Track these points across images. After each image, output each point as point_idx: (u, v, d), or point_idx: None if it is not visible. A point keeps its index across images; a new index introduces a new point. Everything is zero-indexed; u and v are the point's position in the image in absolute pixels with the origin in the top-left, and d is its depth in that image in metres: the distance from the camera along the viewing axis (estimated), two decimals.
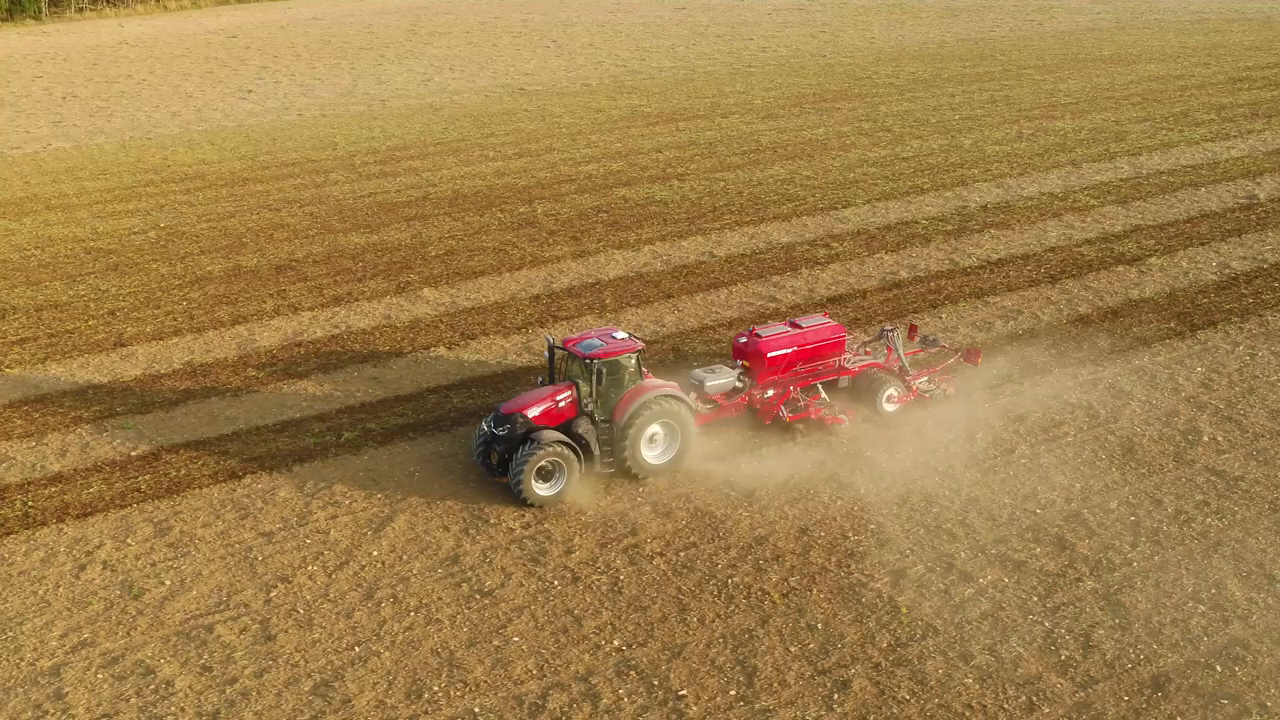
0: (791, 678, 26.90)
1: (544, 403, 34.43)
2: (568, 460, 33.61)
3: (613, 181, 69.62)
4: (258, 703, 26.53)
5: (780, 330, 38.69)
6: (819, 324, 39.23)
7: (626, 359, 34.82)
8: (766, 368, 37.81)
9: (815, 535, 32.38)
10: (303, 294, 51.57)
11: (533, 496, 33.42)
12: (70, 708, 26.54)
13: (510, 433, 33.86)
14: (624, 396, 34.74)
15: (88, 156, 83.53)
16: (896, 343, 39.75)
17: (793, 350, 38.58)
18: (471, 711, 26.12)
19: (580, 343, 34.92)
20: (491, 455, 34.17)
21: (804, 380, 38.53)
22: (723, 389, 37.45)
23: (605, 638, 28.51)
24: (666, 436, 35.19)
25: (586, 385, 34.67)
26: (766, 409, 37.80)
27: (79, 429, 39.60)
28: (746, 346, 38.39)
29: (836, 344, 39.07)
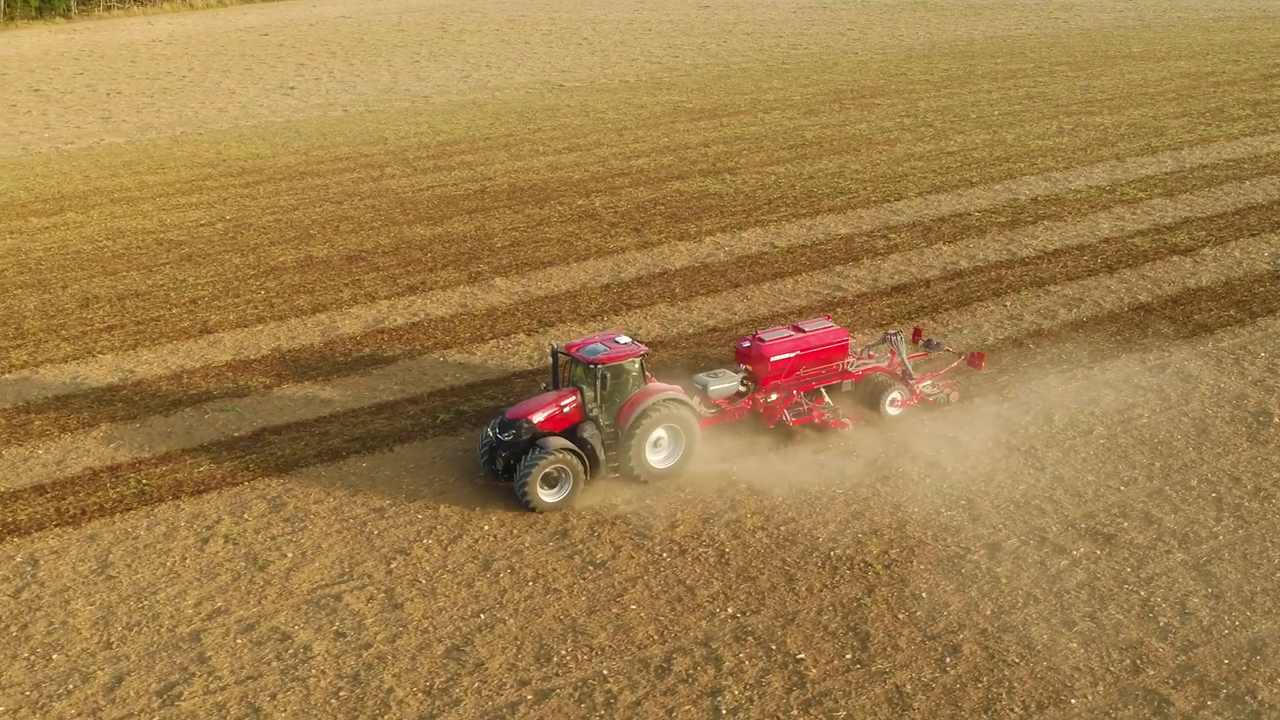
0: (903, 642, 28.02)
1: (549, 408, 34.27)
2: (573, 466, 33.43)
3: (665, 175, 70.85)
4: (394, 666, 27.71)
5: (784, 334, 38.57)
6: (822, 328, 39.16)
7: (630, 363, 34.72)
8: (770, 372, 37.78)
9: (909, 511, 33.55)
10: (377, 283, 52.87)
11: (538, 503, 33.32)
12: (215, 670, 27.71)
13: (515, 438, 33.69)
14: (628, 401, 34.63)
15: (142, 151, 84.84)
16: (900, 346, 39.74)
17: (796, 354, 38.40)
18: (600, 674, 27.28)
19: (584, 348, 34.90)
20: (497, 461, 34.08)
21: (808, 384, 38.42)
22: (726, 393, 37.29)
23: (719, 606, 29.62)
24: (671, 440, 35.03)
25: (591, 390, 34.56)
26: (770, 413, 37.69)
27: (180, 411, 40.88)
28: (750, 350, 38.26)
29: (840, 348, 38.97)
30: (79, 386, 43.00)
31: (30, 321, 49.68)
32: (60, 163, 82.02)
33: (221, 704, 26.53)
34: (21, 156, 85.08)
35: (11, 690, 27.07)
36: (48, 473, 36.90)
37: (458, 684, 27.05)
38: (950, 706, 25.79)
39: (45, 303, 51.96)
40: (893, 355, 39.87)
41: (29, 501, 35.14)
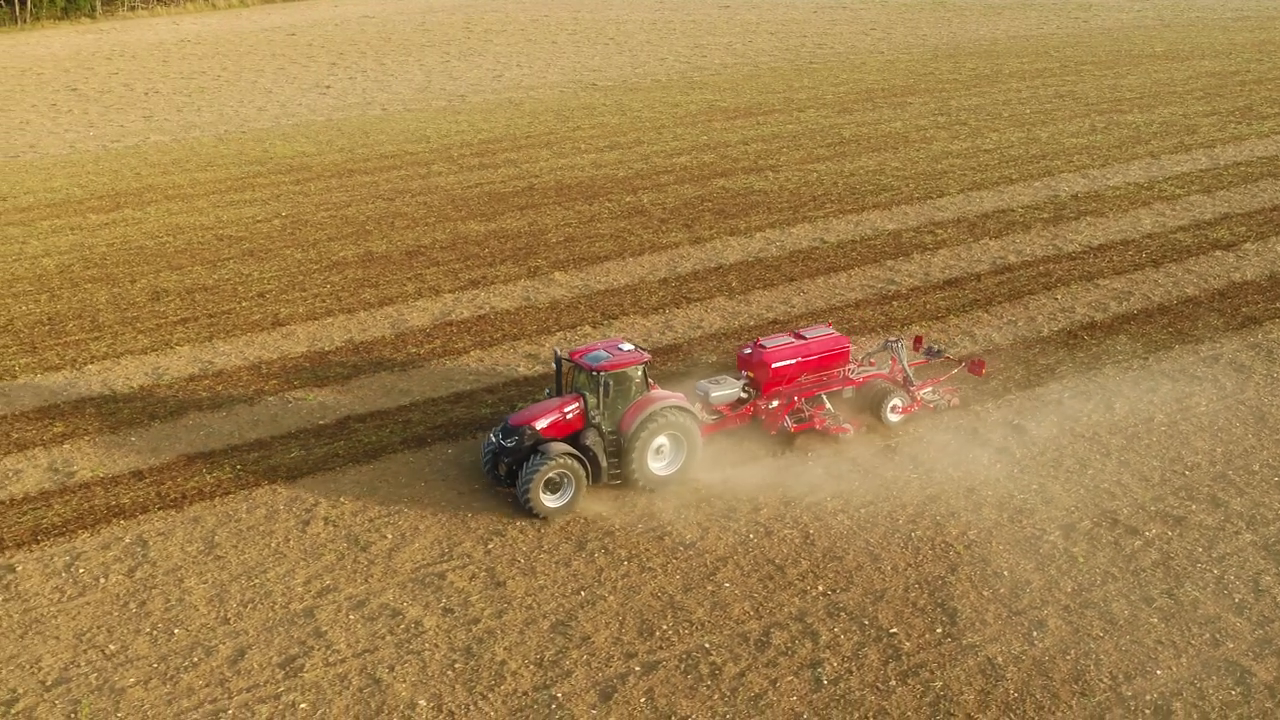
0: (990, 618, 29.38)
1: (551, 414, 34.43)
2: (575, 472, 33.46)
3: (708, 172, 72.24)
4: (504, 640, 29.10)
5: (785, 341, 38.59)
6: (823, 335, 39.12)
7: (633, 370, 34.78)
8: (771, 378, 37.90)
9: (983, 494, 34.89)
10: (439, 278, 54.27)
11: (540, 508, 33.45)
12: (332, 644, 29.10)
13: (518, 444, 33.73)
14: (631, 408, 34.70)
15: (188, 149, 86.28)
16: (900, 353, 39.65)
17: (797, 361, 38.26)
18: (702, 647, 28.65)
19: (587, 354, 34.93)
20: (500, 466, 34.18)
21: (809, 391, 38.32)
22: (728, 400, 37.32)
23: (809, 583, 31.02)
24: (673, 447, 35.01)
25: (593, 397, 34.50)
26: (771, 419, 37.71)
27: (263, 401, 42.30)
28: (751, 358, 38.24)
29: (841, 354, 38.98)
30: (161, 377, 44.35)
31: (104, 314, 51.04)
32: (109, 160, 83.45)
33: (343, 675, 27.79)
34: (70, 155, 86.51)
35: (139, 663, 28.36)
36: (143, 459, 38.18)
37: (567, 656, 28.23)
38: (1041, 677, 27.07)
39: (116, 296, 53.29)
40: (894, 362, 39.84)
41: (129, 486, 36.48)
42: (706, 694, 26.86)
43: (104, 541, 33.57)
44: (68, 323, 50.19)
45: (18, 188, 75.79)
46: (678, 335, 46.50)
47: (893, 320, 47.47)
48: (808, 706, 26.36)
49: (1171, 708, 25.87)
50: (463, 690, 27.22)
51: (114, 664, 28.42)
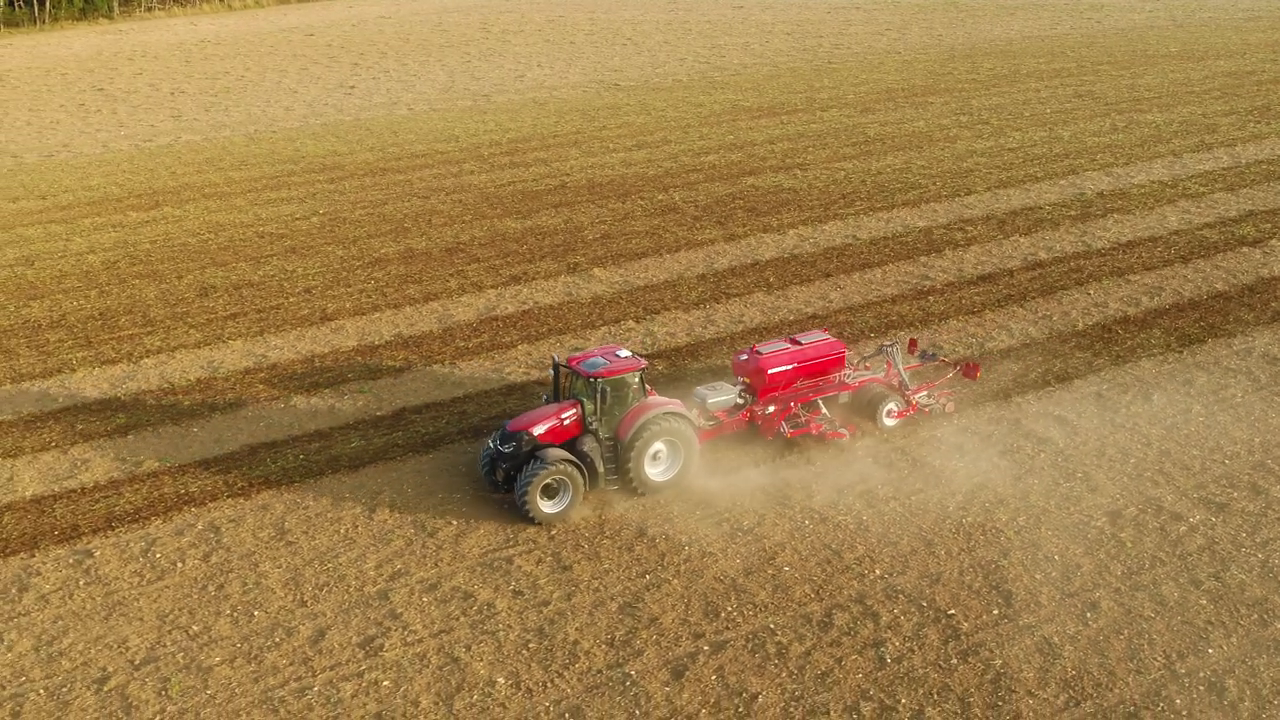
0: (1044, 599, 30.49)
1: (549, 420, 34.68)
2: (572, 478, 33.77)
3: (737, 171, 73.42)
4: (575, 620, 30.23)
5: (781, 347, 38.78)
6: (819, 340, 39.30)
7: (630, 377, 35.00)
8: (767, 384, 38.01)
9: (1029, 482, 36.04)
10: (481, 274, 55.48)
11: (538, 514, 33.69)
12: (408, 625, 30.25)
13: (516, 450, 34.05)
14: (628, 414, 34.91)
15: (220, 148, 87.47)
16: (896, 357, 39.91)
17: (793, 367, 38.54)
18: (767, 628, 29.77)
19: (584, 361, 35.15)
20: (497, 472, 34.45)
21: (805, 396, 38.57)
22: (724, 405, 37.56)
23: (866, 567, 32.15)
24: (670, 453, 35.26)
25: (591, 403, 34.79)
26: (768, 425, 37.97)
27: (319, 393, 43.45)
28: (747, 364, 38.40)
29: (836, 360, 39.20)
30: (216, 370, 45.51)
31: (154, 310, 52.21)
32: (143, 159, 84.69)
33: (421, 654, 28.95)
34: (104, 154, 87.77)
35: (222, 643, 29.53)
36: (206, 449, 39.41)
37: (637, 636, 29.38)
38: (1098, 655, 28.19)
39: (164, 292, 54.47)
40: (889, 366, 40.00)
41: (196, 475, 37.68)
42: (775, 672, 27.82)
43: (177, 528, 34.60)
44: (119, 317, 51.27)
45: (56, 186, 77.00)
46: (720, 330, 47.51)
47: (930, 315, 48.48)
48: (873, 684, 27.35)
49: (1225, 684, 26.95)
50: (539, 668, 28.17)
51: (198, 644, 29.39)
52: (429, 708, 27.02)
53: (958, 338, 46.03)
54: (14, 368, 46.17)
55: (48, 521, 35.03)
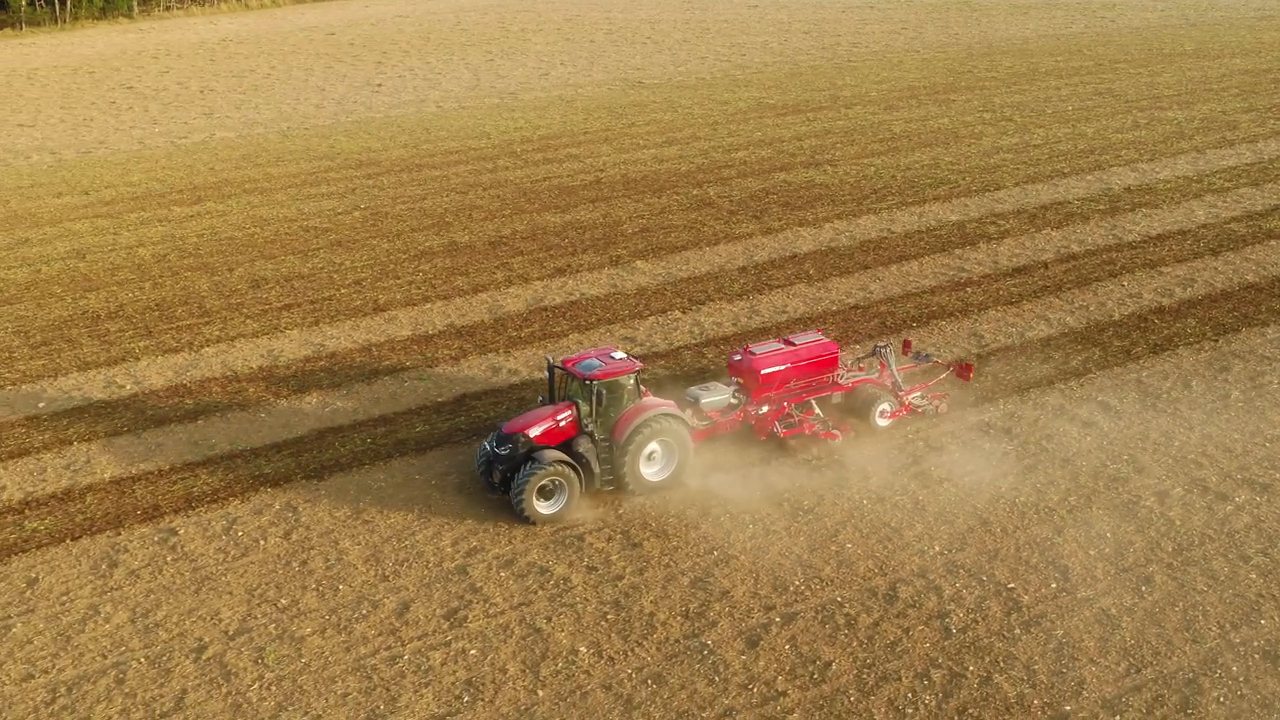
0: (1099, 574, 31.84)
1: (545, 422, 34.89)
2: (568, 479, 34.06)
3: (768, 167, 74.83)
4: (649, 594, 31.60)
5: (775, 348, 38.92)
6: (813, 341, 39.45)
7: (625, 379, 35.16)
8: (761, 385, 38.16)
9: (1078, 464, 37.37)
10: (526, 266, 56.89)
11: (534, 514, 33.95)
12: (489, 598, 31.60)
13: (512, 452, 34.28)
14: (623, 415, 35.12)
15: (255, 145, 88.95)
16: (889, 358, 40.18)
17: (787, 367, 38.60)
18: (835, 600, 31.13)
19: (580, 363, 35.38)
20: (494, 474, 34.65)
21: (798, 396, 38.88)
22: (718, 406, 37.83)
23: (926, 544, 33.48)
24: (664, 454, 35.53)
25: (586, 405, 34.94)
26: (761, 425, 38.32)
27: (379, 380, 44.83)
28: (742, 364, 38.53)
29: (830, 360, 39.26)
30: (277, 359, 46.89)
31: (209, 300, 53.64)
32: (180, 156, 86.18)
33: (504, 625, 30.32)
34: (141, 150, 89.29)
35: (311, 615, 30.94)
36: (275, 434, 40.80)
37: (710, 609, 30.73)
38: (1155, 626, 29.55)
39: (217, 284, 55.88)
40: (883, 367, 40.36)
41: (269, 458, 39.13)
42: (845, 641, 29.18)
43: (255, 508, 36.03)
44: (176, 308, 52.71)
45: (98, 182, 78.51)
46: (765, 319, 48.89)
47: (969, 305, 49.89)
48: (941, 652, 28.68)
49: (1279, 653, 28.17)
50: (618, 638, 29.51)
51: (288, 616, 30.75)
52: (516, 675, 28.20)
53: (998, 327, 47.25)
54: (79, 356, 47.49)
55: (129, 502, 36.32)
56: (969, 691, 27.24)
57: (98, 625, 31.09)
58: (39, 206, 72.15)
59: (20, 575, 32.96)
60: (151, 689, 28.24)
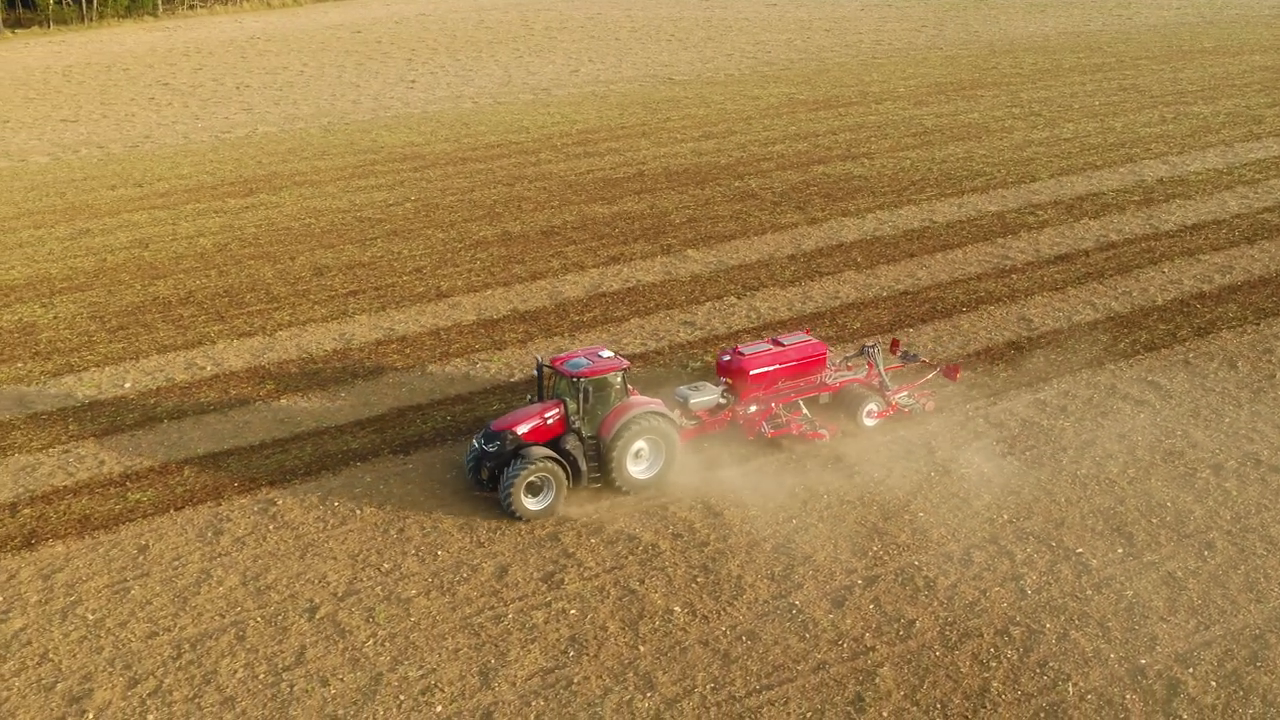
0: (1163, 539, 33.61)
1: (533, 420, 35.20)
2: (556, 475, 34.30)
3: (805, 160, 76.72)
4: (735, 559, 33.27)
5: (763, 348, 39.27)
6: (800, 342, 39.78)
7: (612, 377, 35.53)
8: (749, 385, 38.45)
9: (1134, 439, 39.14)
10: (580, 255, 58.74)
11: (522, 511, 34.25)
12: (583, 563, 33.27)
13: (500, 449, 34.53)
14: (610, 413, 35.39)
15: (298, 139, 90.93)
16: (877, 358, 40.43)
17: (775, 368, 38.99)
18: (913, 564, 32.88)
19: (567, 361, 35.73)
20: (482, 471, 34.85)
21: (786, 396, 39.15)
22: (706, 405, 38.11)
23: (994, 514, 35.25)
24: (652, 452, 35.79)
25: (574, 402, 35.24)
26: (750, 424, 38.50)
27: (452, 362, 46.62)
28: (730, 364, 38.84)
29: (818, 361, 39.61)
30: (349, 342, 48.72)
31: (275, 287, 55.49)
32: (226, 150, 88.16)
33: (600, 588, 32.11)
34: (186, 145, 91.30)
35: (414, 578, 32.75)
36: (356, 412, 42.62)
37: (795, 572, 32.53)
38: (1219, 588, 31.31)
39: (281, 272, 57.75)
40: (870, 367, 40.59)
41: (355, 435, 41.00)
42: (926, 602, 30.94)
43: (346, 481, 37.84)
44: (244, 295, 54.56)
45: (149, 175, 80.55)
46: (818, 305, 50.72)
47: (1015, 291, 51.92)
48: (1018, 611, 30.47)
49: None
50: (710, 599, 31.30)
51: (392, 579, 32.57)
52: (616, 632, 29.95)
53: (1045, 312, 49.03)
54: (156, 340, 49.35)
55: (225, 475, 38.18)
56: (1048, 646, 28.77)
57: (211, 588, 32.49)
58: (95, 198, 73.96)
59: (130, 542, 34.39)
60: (271, 645, 29.71)
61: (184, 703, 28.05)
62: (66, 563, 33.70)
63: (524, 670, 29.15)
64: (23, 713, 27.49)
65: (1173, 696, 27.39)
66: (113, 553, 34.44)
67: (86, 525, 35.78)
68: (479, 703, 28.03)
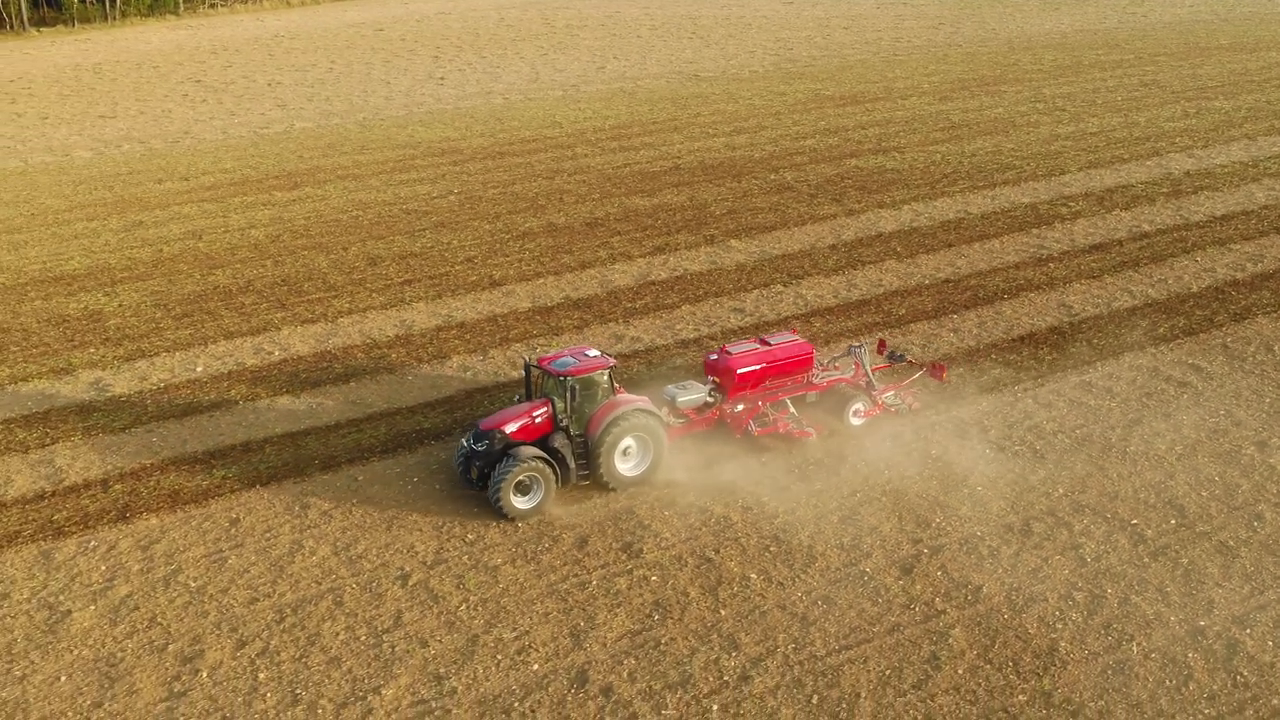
0: (1213, 511, 35.18)
1: (521, 419, 35.41)
2: (544, 474, 34.49)
3: (837, 154, 78.44)
4: (804, 530, 34.82)
5: (750, 348, 39.58)
6: (788, 341, 40.08)
7: (599, 375, 35.83)
8: (737, 384, 38.74)
9: (1179, 419, 40.69)
10: (625, 245, 60.44)
11: (511, 510, 34.52)
12: (659, 534, 34.86)
13: (489, 448, 34.74)
14: (597, 412, 35.68)
15: (336, 135, 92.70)
16: (864, 358, 40.83)
17: (762, 367, 39.25)
18: (975, 535, 34.47)
19: (555, 361, 35.93)
20: (471, 470, 35.10)
21: (773, 395, 39.50)
22: (694, 404, 38.42)
23: (1050, 487, 36.89)
24: (640, 449, 36.08)
25: (561, 401, 35.51)
26: (736, 423, 38.76)
27: (512, 346, 48.12)
28: (718, 364, 39.10)
29: (804, 360, 39.86)
30: (410, 328, 50.40)
31: (332, 276, 57.26)
32: (265, 145, 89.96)
33: (678, 556, 33.76)
34: (225, 140, 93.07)
35: (498, 547, 34.24)
36: (424, 394, 44.16)
37: (862, 542, 34.12)
38: (1270, 555, 32.90)
39: (335, 261, 59.51)
40: (857, 366, 40.96)
41: (425, 414, 42.56)
42: (991, 568, 32.59)
43: (423, 458, 39.44)
44: (302, 283, 56.30)
45: (193, 169, 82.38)
46: (863, 293, 52.41)
47: (1054, 279, 53.82)
48: (1079, 577, 32.11)
49: None
50: (784, 567, 32.96)
51: (477, 549, 34.22)
52: (698, 597, 31.61)
53: (1084, 299, 50.66)
54: (222, 326, 51.10)
55: (305, 453, 39.91)
56: (1110, 609, 30.40)
57: (305, 557, 34.00)
58: (144, 192, 75.79)
59: (221, 515, 36.11)
60: (369, 609, 31.36)
61: (292, 662, 29.39)
62: (163, 534, 34.98)
63: (613, 632, 30.46)
64: (139, 671, 28.92)
65: (1233, 655, 28.81)
66: (205, 525, 35.91)
67: (177, 500, 37.18)
68: (573, 661, 29.40)
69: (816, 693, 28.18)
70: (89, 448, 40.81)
